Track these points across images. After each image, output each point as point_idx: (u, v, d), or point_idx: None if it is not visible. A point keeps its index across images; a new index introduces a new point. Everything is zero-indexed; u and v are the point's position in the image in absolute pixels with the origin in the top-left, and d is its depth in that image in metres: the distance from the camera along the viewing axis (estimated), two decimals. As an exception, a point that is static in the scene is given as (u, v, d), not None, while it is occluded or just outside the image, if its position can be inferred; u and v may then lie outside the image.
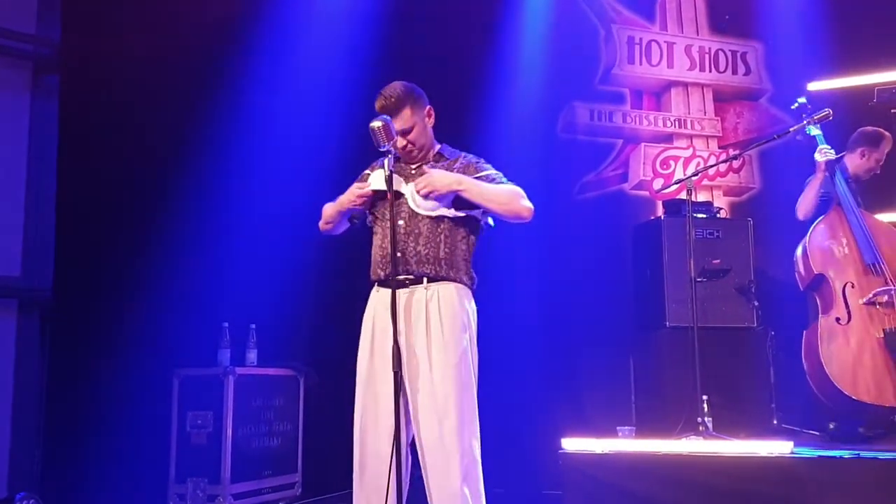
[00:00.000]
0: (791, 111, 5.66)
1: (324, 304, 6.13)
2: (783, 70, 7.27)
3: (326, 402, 5.87)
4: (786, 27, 7.15)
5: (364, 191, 3.57)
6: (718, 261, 5.89)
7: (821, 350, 5.14)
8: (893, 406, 5.03)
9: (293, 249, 5.76)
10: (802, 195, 5.60)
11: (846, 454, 4.35)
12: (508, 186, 3.60)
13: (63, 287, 5.13)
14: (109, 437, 5.10)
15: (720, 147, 7.35)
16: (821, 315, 5.29)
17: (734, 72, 7.47)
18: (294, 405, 5.86)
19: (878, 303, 5.20)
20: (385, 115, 3.45)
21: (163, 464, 5.36)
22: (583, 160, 7.08)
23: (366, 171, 3.76)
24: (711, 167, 6.84)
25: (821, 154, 5.47)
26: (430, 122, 3.69)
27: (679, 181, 5.65)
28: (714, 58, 7.45)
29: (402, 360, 3.42)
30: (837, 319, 5.21)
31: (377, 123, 3.37)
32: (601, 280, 6.56)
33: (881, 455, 4.24)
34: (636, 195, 7.16)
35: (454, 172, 3.60)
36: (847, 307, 5.22)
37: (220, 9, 5.79)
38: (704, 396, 4.97)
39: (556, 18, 7.00)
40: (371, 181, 3.59)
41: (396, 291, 3.42)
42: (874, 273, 5.28)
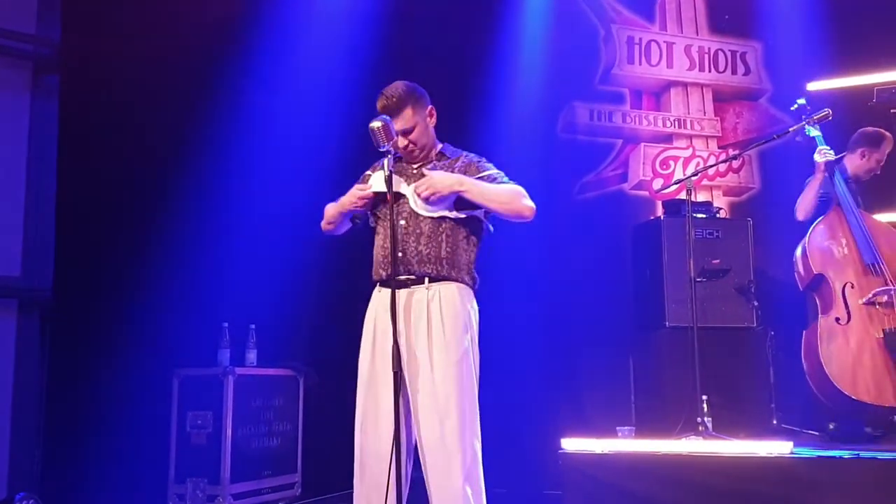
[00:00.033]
0: (791, 112, 5.66)
1: (323, 305, 6.13)
2: (783, 70, 7.26)
3: (326, 403, 5.88)
4: (785, 27, 7.15)
5: (365, 192, 3.57)
6: (718, 261, 5.89)
7: (820, 350, 5.14)
8: (893, 406, 5.03)
9: (293, 249, 5.76)
10: (802, 195, 5.60)
11: (846, 454, 4.35)
12: (510, 186, 3.60)
13: (63, 287, 5.13)
14: (109, 437, 5.11)
15: (720, 147, 7.35)
16: (820, 315, 5.29)
17: (734, 72, 7.47)
18: (294, 405, 5.86)
19: (878, 303, 5.20)
20: (385, 116, 3.45)
21: (162, 464, 5.36)
22: (582, 160, 7.08)
23: (367, 172, 3.76)
24: (711, 167, 6.84)
25: (820, 155, 5.47)
26: (432, 122, 3.69)
27: (679, 181, 5.65)
28: (713, 58, 7.45)
29: (403, 361, 3.43)
30: (837, 319, 5.21)
31: (376, 124, 3.37)
32: (601, 280, 6.56)
33: (881, 455, 4.24)
34: (636, 195, 7.15)
35: (455, 172, 3.60)
36: (847, 307, 5.23)
37: (220, 9, 5.79)
38: (704, 396, 4.97)
39: (556, 18, 7.00)
40: (372, 182, 3.59)
41: (398, 291, 3.44)
42: (874, 273, 5.28)
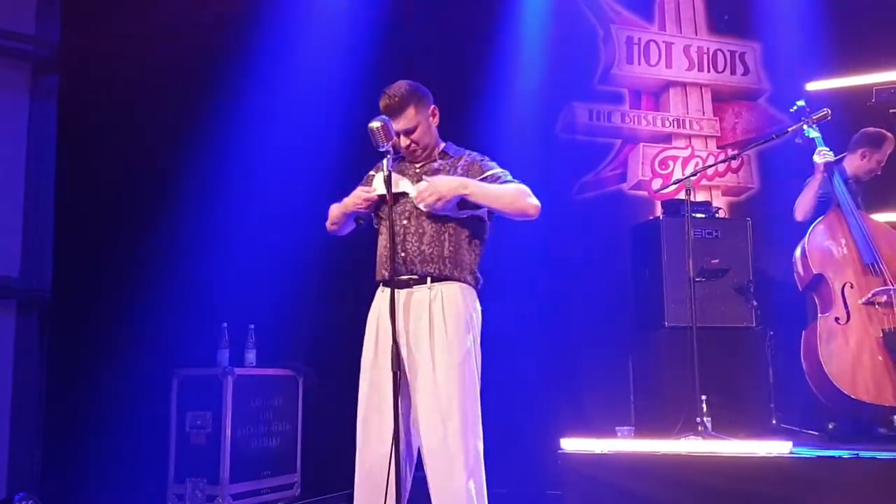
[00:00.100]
0: (790, 114, 5.66)
1: (323, 305, 6.12)
2: (782, 70, 7.27)
3: (325, 403, 5.88)
4: (784, 27, 7.15)
5: (369, 195, 3.58)
6: (717, 261, 5.89)
7: (820, 350, 5.14)
8: (893, 406, 5.03)
9: (292, 249, 5.76)
10: (801, 196, 5.60)
11: (845, 454, 4.35)
12: (513, 185, 3.59)
13: (62, 287, 5.13)
14: (108, 438, 5.10)
15: (719, 147, 7.36)
16: (820, 315, 5.29)
17: (733, 72, 7.48)
18: (293, 405, 5.85)
19: (877, 303, 5.21)
20: (384, 116, 3.46)
21: (162, 464, 5.36)
22: (581, 160, 7.08)
23: (370, 173, 3.76)
24: (710, 167, 6.84)
25: (820, 156, 5.48)
26: (435, 122, 3.68)
27: (678, 181, 5.64)
28: (712, 58, 7.45)
29: (404, 361, 3.44)
30: (836, 319, 5.22)
31: (376, 124, 3.37)
32: (600, 280, 6.56)
33: (880, 455, 4.24)
34: (635, 195, 7.16)
35: (458, 171, 3.61)
36: (846, 307, 5.23)
37: (220, 9, 5.78)
38: (703, 396, 4.97)
39: (555, 19, 7.00)
40: (376, 185, 3.59)
41: (400, 291, 3.46)
42: (873, 273, 5.28)
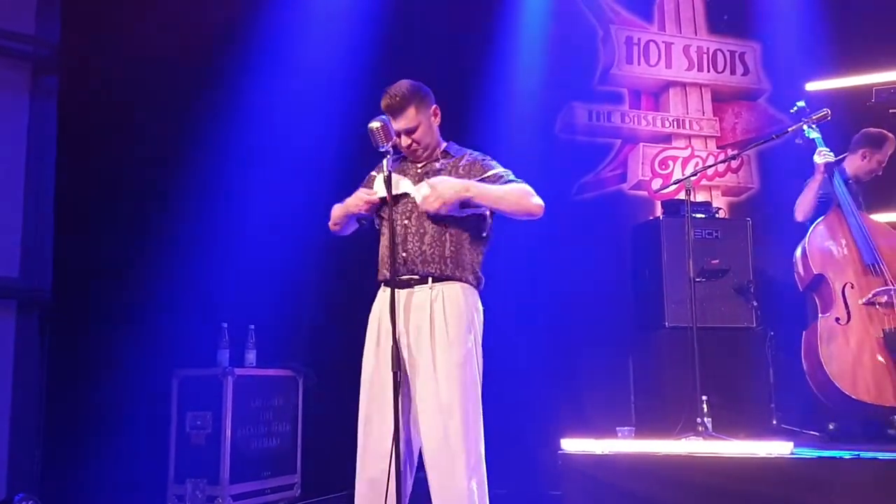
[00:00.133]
0: (791, 115, 5.66)
1: (323, 305, 6.12)
2: (781, 70, 7.27)
3: (325, 403, 5.88)
4: (784, 27, 7.16)
5: (371, 199, 3.58)
6: (717, 261, 5.89)
7: (820, 350, 5.15)
8: (893, 406, 5.03)
9: (292, 250, 5.76)
10: (801, 196, 5.60)
11: (846, 455, 4.35)
12: (516, 185, 3.58)
13: (62, 288, 5.13)
14: (108, 438, 5.09)
15: (719, 147, 7.36)
16: (820, 315, 5.30)
17: (732, 72, 7.48)
18: (293, 406, 5.85)
19: (878, 303, 5.21)
20: (383, 116, 3.46)
21: (162, 464, 5.35)
22: (581, 160, 7.08)
23: (372, 173, 3.76)
24: (710, 167, 6.85)
25: (820, 156, 5.48)
26: (436, 122, 3.68)
27: (678, 181, 5.64)
28: (712, 58, 7.45)
29: (405, 361, 3.44)
30: (837, 319, 5.22)
31: (375, 124, 3.37)
32: (600, 280, 6.56)
33: (881, 455, 4.23)
34: (635, 195, 7.16)
35: (459, 171, 3.60)
36: (846, 307, 5.23)
37: (220, 9, 5.78)
38: (704, 397, 4.97)
39: (555, 19, 7.01)
40: (376, 188, 3.60)
41: (401, 291, 3.47)
42: (873, 273, 5.28)
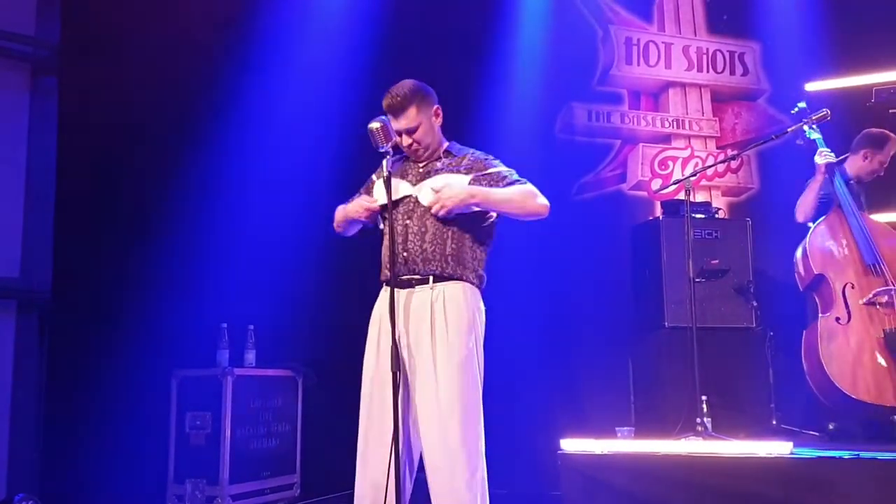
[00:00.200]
0: (791, 115, 5.65)
1: (322, 305, 6.12)
2: (781, 70, 7.27)
3: (325, 403, 5.88)
4: (783, 27, 7.15)
5: (371, 206, 3.59)
6: (717, 261, 5.90)
7: (821, 350, 5.15)
8: (893, 406, 5.03)
9: (292, 250, 5.77)
10: (802, 197, 5.60)
11: (846, 454, 4.34)
12: (520, 187, 3.59)
13: (62, 288, 5.13)
14: (108, 438, 5.10)
15: (718, 147, 7.35)
16: (820, 315, 5.30)
17: (732, 72, 7.48)
18: (293, 406, 5.85)
19: (878, 303, 5.21)
20: (383, 117, 3.47)
21: (161, 465, 5.35)
22: (581, 161, 7.07)
23: (372, 177, 3.77)
24: (710, 167, 6.84)
25: (821, 157, 5.48)
26: (438, 122, 3.68)
27: (677, 181, 5.64)
28: (712, 58, 7.45)
29: (405, 362, 3.44)
30: (837, 319, 5.22)
31: (375, 125, 3.39)
32: (600, 281, 6.56)
33: (881, 455, 4.23)
34: (634, 196, 7.16)
35: (461, 170, 3.60)
36: (847, 307, 5.23)
37: (220, 9, 5.78)
38: (703, 397, 4.97)
39: (554, 20, 7.00)
40: (377, 194, 3.61)
41: (402, 291, 3.48)
42: (874, 273, 5.28)
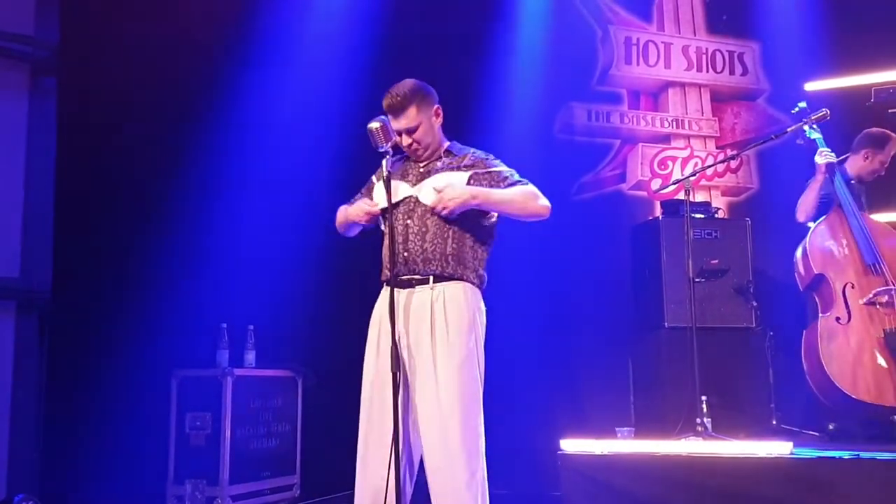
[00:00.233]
0: (791, 115, 5.65)
1: (322, 305, 6.11)
2: (780, 70, 7.28)
3: (325, 403, 5.88)
4: (783, 27, 7.16)
5: (372, 211, 3.59)
6: (717, 261, 5.89)
7: (821, 349, 5.15)
8: (893, 406, 5.03)
9: (292, 250, 5.77)
10: (802, 197, 5.60)
11: (845, 455, 4.35)
12: (522, 188, 3.59)
13: (62, 288, 5.12)
14: (108, 439, 5.09)
15: (718, 147, 7.36)
16: (821, 315, 5.30)
17: (731, 72, 7.48)
18: (293, 406, 5.85)
19: (879, 303, 5.21)
20: (382, 116, 3.47)
21: (161, 465, 5.35)
22: (580, 161, 7.08)
23: (372, 179, 3.77)
24: (709, 167, 6.84)
25: (821, 156, 5.48)
26: (438, 122, 3.68)
27: (677, 181, 5.65)
28: (711, 58, 7.45)
29: (405, 362, 3.44)
30: (837, 319, 5.22)
31: (374, 125, 3.39)
32: (599, 281, 6.57)
33: (881, 455, 4.24)
34: (634, 195, 7.16)
35: (462, 169, 3.60)
36: (847, 307, 5.23)
37: (219, 9, 5.78)
38: (703, 397, 4.97)
39: (553, 20, 7.00)
40: (377, 198, 3.62)
41: (402, 292, 3.48)
42: (874, 273, 5.29)
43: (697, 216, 6.00)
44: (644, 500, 4.47)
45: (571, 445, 4.78)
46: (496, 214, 3.65)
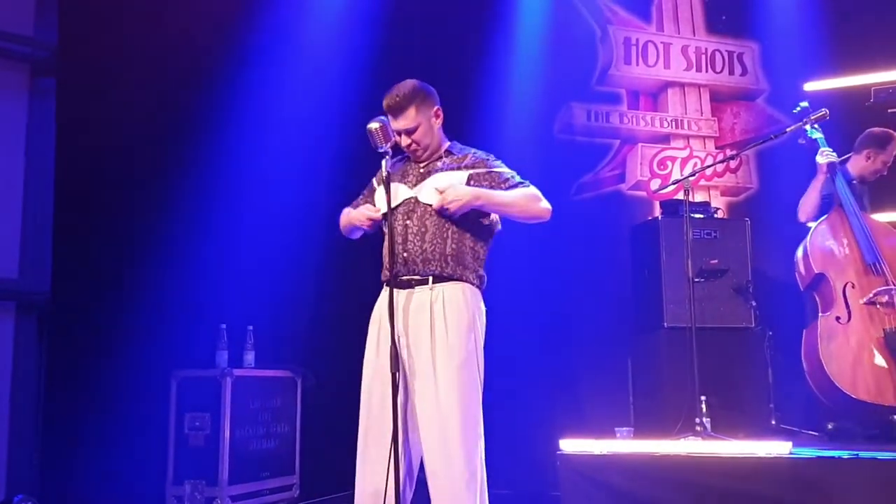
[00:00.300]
0: (792, 115, 5.65)
1: (322, 306, 6.12)
2: (780, 70, 7.28)
3: (324, 404, 5.88)
4: (782, 27, 7.16)
5: (373, 216, 3.60)
6: (716, 261, 5.89)
7: (820, 349, 5.15)
8: (893, 406, 5.03)
9: (292, 250, 5.77)
10: (804, 197, 5.60)
11: (845, 454, 4.34)
12: (523, 190, 3.60)
13: (61, 289, 5.12)
14: (107, 439, 5.09)
15: (717, 147, 7.36)
16: (821, 314, 5.30)
17: (731, 72, 7.48)
18: (292, 407, 5.85)
19: (879, 303, 5.21)
20: (382, 117, 3.47)
21: (160, 465, 5.35)
22: (580, 161, 7.08)
23: (373, 181, 3.77)
24: (708, 167, 6.84)
25: (822, 156, 5.48)
26: (438, 123, 3.68)
27: (676, 181, 5.65)
28: (710, 58, 7.45)
29: (404, 362, 3.44)
30: (837, 318, 5.22)
31: (374, 125, 3.39)
32: (599, 281, 6.57)
33: (880, 455, 4.23)
34: (633, 196, 7.16)
35: (462, 169, 3.61)
36: (847, 307, 5.23)
37: (219, 9, 5.77)
38: (702, 397, 4.97)
39: (553, 20, 7.01)
40: (378, 203, 3.62)
41: (401, 292, 3.48)
42: (874, 273, 5.29)
43: (697, 216, 5.99)
44: (643, 500, 4.47)
45: (570, 445, 4.77)
46: (496, 215, 3.65)
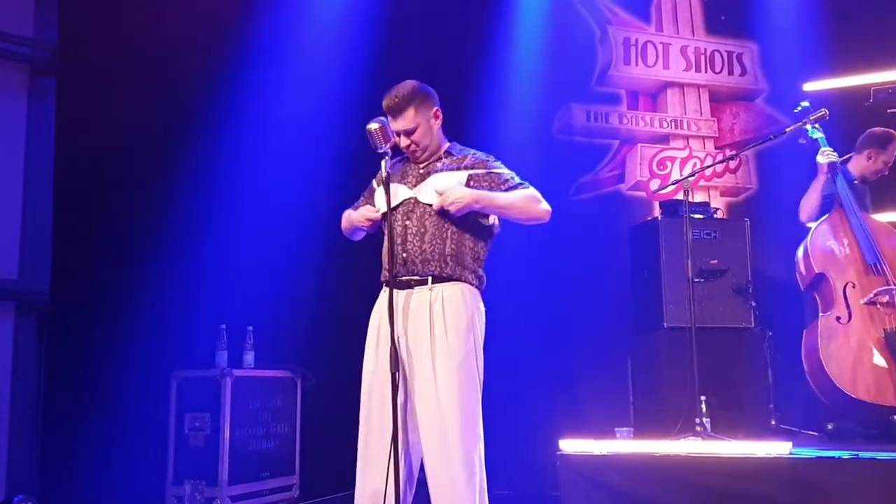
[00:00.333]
0: (794, 115, 5.64)
1: (321, 306, 6.12)
2: (779, 70, 7.28)
3: (324, 404, 5.87)
4: (781, 27, 7.17)
5: (374, 217, 3.60)
6: (716, 261, 5.89)
7: (821, 349, 5.14)
8: (893, 406, 5.03)
9: (291, 251, 5.77)
10: (805, 197, 5.59)
11: (845, 454, 4.34)
12: (523, 192, 3.60)
13: (61, 289, 5.12)
14: (107, 440, 5.09)
15: (717, 147, 7.36)
16: (821, 314, 5.29)
17: (730, 72, 7.48)
18: (292, 407, 5.85)
19: (879, 303, 5.21)
20: (382, 118, 3.47)
21: (160, 466, 5.35)
22: (579, 161, 7.08)
23: (373, 182, 3.77)
24: (708, 168, 6.84)
25: (823, 156, 5.47)
26: (438, 124, 3.68)
27: (676, 182, 5.65)
28: (710, 58, 7.45)
29: (404, 363, 3.44)
30: (838, 318, 5.22)
31: (373, 126, 3.39)
32: (598, 281, 6.57)
33: (880, 455, 4.23)
34: (633, 196, 7.16)
35: (462, 170, 3.61)
36: (847, 307, 5.23)
37: (218, 10, 5.77)
38: (702, 397, 4.98)
39: (552, 20, 7.01)
40: (378, 203, 3.62)
41: (401, 292, 3.48)
42: (875, 273, 5.28)
43: (696, 216, 5.99)
44: (643, 501, 4.47)
45: (570, 446, 4.77)
46: (496, 216, 3.65)
